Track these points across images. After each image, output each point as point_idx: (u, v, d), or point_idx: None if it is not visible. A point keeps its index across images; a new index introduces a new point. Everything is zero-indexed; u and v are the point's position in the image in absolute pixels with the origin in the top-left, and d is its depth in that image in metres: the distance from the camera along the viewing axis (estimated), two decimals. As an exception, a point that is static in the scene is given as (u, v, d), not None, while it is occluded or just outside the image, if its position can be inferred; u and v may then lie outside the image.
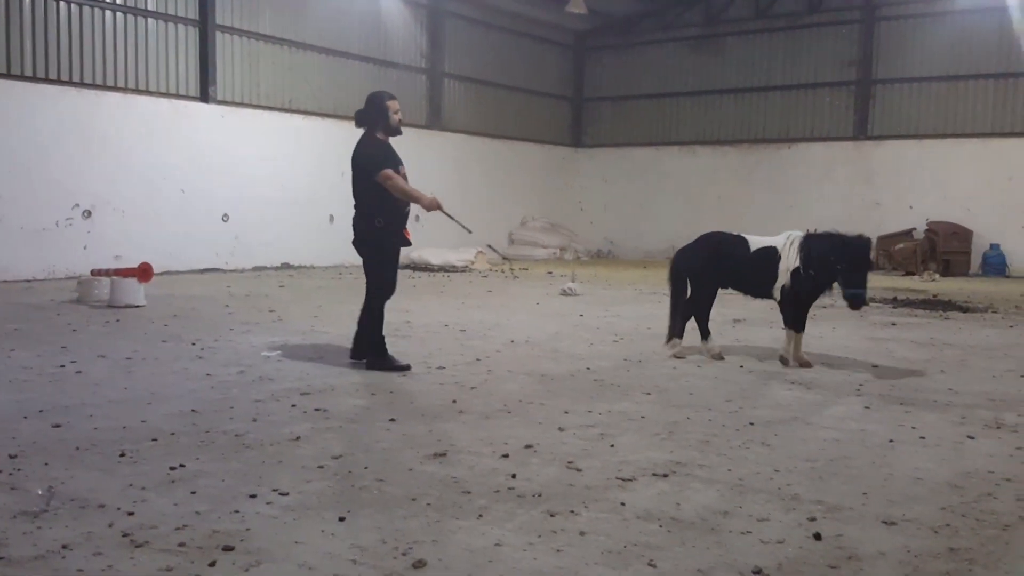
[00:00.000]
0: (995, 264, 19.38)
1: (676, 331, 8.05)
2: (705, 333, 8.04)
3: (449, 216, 7.60)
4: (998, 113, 19.80)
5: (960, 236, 19.51)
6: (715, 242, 8.05)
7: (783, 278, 7.52)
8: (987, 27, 19.66)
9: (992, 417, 5.75)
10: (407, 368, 7.09)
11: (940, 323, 10.72)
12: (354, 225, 7.21)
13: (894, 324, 10.50)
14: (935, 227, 19.58)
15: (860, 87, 21.49)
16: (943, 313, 11.76)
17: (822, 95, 22.10)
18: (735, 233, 8.11)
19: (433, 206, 7.19)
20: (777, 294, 7.63)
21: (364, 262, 7.31)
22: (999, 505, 4.00)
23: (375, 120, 7.11)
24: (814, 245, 7.41)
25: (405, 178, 7.15)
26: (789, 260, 7.49)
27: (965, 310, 12.13)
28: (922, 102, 20.71)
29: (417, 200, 7.12)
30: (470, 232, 8.24)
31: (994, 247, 19.45)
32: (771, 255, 7.62)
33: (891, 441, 5.11)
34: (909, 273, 18.94)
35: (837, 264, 7.23)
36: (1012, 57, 19.48)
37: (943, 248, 19.32)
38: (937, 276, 18.15)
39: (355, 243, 7.25)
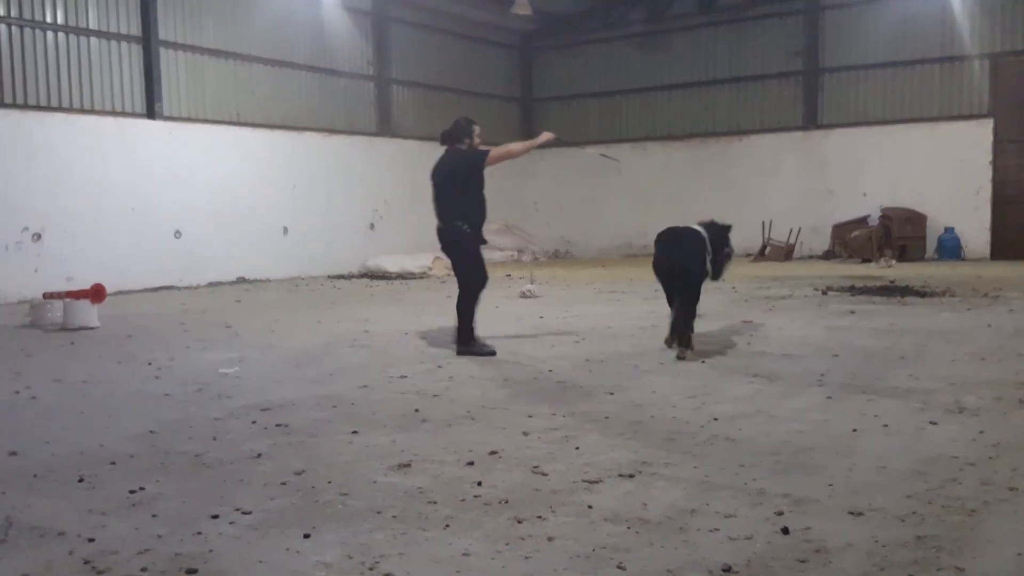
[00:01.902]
0: (950, 247, 19.66)
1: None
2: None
3: (566, 142, 8.99)
4: (945, 97, 20.10)
5: (914, 221, 19.77)
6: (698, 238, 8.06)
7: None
8: (930, 12, 19.94)
9: (953, 402, 5.81)
10: (493, 353, 7.93)
11: (898, 309, 10.85)
12: (441, 232, 8.18)
13: (853, 312, 10.61)
14: (889, 213, 19.82)
15: (807, 77, 21.71)
16: (901, 299, 11.89)
17: (770, 86, 22.30)
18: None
19: (548, 138, 8.49)
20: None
21: (454, 263, 8.28)
22: (963, 490, 4.03)
23: (460, 138, 8.23)
24: (714, 233, 8.16)
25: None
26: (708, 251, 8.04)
27: (923, 295, 12.28)
28: (869, 89, 20.95)
29: (534, 146, 8.49)
30: (583, 148, 9.97)
31: (948, 230, 19.74)
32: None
33: (854, 430, 5.14)
34: (865, 260, 19.17)
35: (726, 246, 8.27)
36: (955, 41, 19.80)
37: (898, 234, 19.55)
38: (893, 262, 18.38)
39: (445, 249, 8.25)
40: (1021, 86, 19.20)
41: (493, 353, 7.97)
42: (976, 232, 19.71)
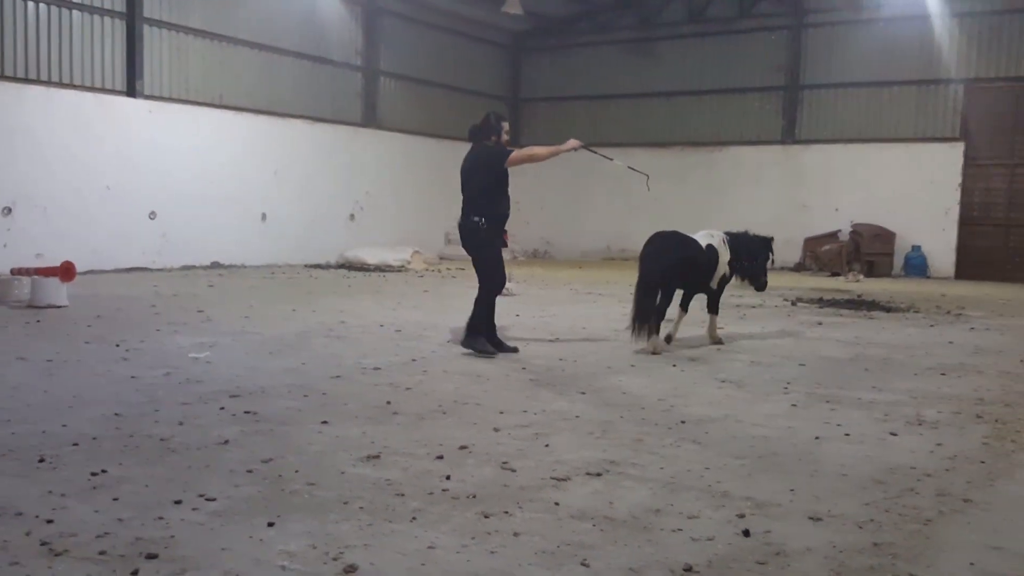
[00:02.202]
0: (917, 265, 20.01)
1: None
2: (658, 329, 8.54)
3: (592, 151, 8.57)
4: (920, 118, 20.42)
5: (883, 238, 20.08)
6: (680, 243, 8.58)
7: (722, 270, 8.74)
8: (910, 35, 20.25)
9: (914, 414, 5.92)
10: (493, 354, 7.83)
11: (864, 322, 11.00)
12: (460, 227, 8.01)
13: (820, 323, 10.75)
14: (859, 229, 20.12)
15: (789, 92, 21.95)
16: (867, 313, 12.08)
17: (752, 99, 22.52)
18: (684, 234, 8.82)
19: (575, 145, 8.07)
20: (715, 284, 8.83)
21: (473, 260, 8.10)
22: (920, 500, 4.12)
23: (487, 134, 7.98)
24: (741, 241, 8.94)
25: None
26: (725, 255, 8.74)
27: (888, 310, 12.48)
28: (848, 107, 21.25)
29: (559, 152, 8.03)
30: (611, 159, 9.14)
31: (915, 248, 20.08)
32: (714, 252, 8.69)
33: (817, 438, 5.22)
34: (835, 274, 19.42)
35: (761, 255, 9.05)
36: (932, 65, 20.11)
37: (867, 249, 19.85)
38: (861, 276, 18.63)
39: (463, 243, 8.05)
40: (993, 112, 19.59)
41: (493, 354, 7.86)
42: (942, 251, 20.07)
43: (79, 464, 4.37)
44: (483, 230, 7.85)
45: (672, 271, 8.37)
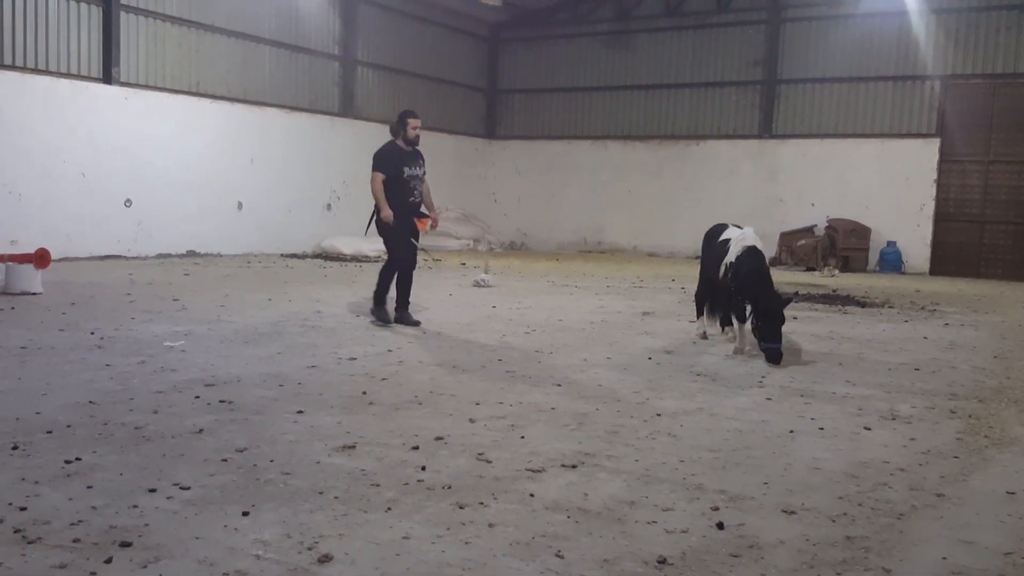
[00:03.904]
0: (892, 261, 20.18)
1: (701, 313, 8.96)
2: (726, 321, 8.68)
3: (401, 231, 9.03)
4: (896, 114, 20.56)
5: (859, 233, 20.23)
6: (710, 233, 8.87)
7: (722, 269, 8.02)
8: (888, 31, 20.38)
9: (887, 409, 5.98)
10: (388, 323, 8.92)
11: (839, 317, 11.09)
12: None
13: (795, 318, 10.80)
14: (835, 224, 20.25)
15: (765, 86, 22.03)
16: (842, 308, 12.16)
17: (729, 94, 22.58)
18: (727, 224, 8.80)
19: (388, 219, 8.82)
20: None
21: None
22: (893, 494, 4.16)
23: (396, 131, 9.03)
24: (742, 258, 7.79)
25: (419, 179, 9.02)
26: (730, 255, 7.94)
27: (863, 305, 12.57)
28: (824, 102, 21.36)
29: (380, 205, 8.85)
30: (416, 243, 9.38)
31: (891, 244, 20.25)
32: (725, 246, 8.15)
33: (791, 432, 5.26)
34: (810, 269, 19.55)
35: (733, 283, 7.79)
36: (909, 61, 20.27)
37: (842, 245, 19.99)
38: (837, 272, 18.77)
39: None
40: (969, 108, 19.75)
41: (388, 323, 8.92)
42: (917, 247, 20.25)
43: (53, 451, 4.34)
44: (377, 218, 8.91)
45: (708, 265, 8.76)
